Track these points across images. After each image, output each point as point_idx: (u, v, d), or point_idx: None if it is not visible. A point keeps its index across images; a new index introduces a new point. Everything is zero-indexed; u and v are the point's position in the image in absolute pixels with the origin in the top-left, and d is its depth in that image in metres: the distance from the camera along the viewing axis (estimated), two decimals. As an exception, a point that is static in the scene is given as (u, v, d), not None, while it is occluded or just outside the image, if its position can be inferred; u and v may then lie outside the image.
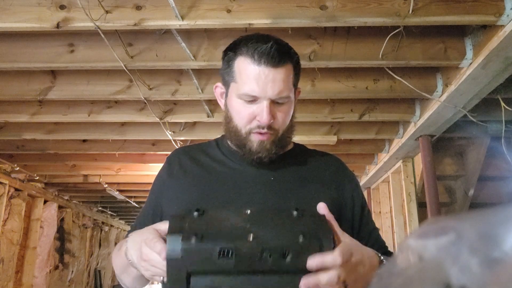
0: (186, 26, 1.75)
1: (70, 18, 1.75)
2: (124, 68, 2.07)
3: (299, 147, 1.06)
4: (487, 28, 1.79)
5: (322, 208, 0.75)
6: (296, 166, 0.98)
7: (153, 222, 0.95)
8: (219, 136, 1.06)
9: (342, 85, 2.36)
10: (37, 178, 4.62)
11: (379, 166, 3.68)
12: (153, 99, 2.53)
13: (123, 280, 0.90)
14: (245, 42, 0.91)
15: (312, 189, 0.94)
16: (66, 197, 5.85)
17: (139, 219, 1.02)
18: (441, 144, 3.14)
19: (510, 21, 1.63)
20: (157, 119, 2.73)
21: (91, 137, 3.28)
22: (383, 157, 3.52)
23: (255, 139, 0.91)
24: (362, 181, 4.39)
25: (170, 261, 0.66)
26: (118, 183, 4.95)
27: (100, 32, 1.79)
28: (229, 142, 0.98)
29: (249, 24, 1.73)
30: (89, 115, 2.77)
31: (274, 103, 0.89)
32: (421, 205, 3.15)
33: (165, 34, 2.04)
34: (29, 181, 4.71)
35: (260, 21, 1.72)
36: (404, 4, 1.68)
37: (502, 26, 1.67)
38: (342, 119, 2.74)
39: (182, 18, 1.72)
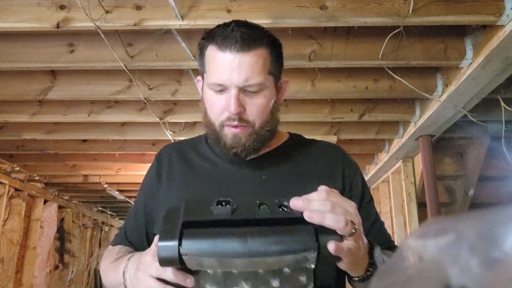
0: (186, 26, 1.75)
1: (70, 18, 1.75)
2: (124, 68, 2.07)
3: (295, 138, 1.00)
4: (487, 28, 1.78)
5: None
6: (290, 161, 0.92)
7: (146, 227, 0.93)
8: None
9: (342, 85, 2.36)
10: (37, 178, 4.62)
11: (379, 166, 3.68)
12: (153, 99, 2.53)
13: None
14: (214, 29, 0.85)
15: (308, 186, 0.86)
16: (66, 197, 5.85)
17: (129, 222, 0.98)
18: (441, 144, 3.14)
19: (510, 21, 1.63)
20: (157, 119, 2.73)
21: (91, 137, 3.28)
22: (383, 157, 3.52)
23: (228, 132, 0.85)
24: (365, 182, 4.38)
25: (168, 210, 0.65)
26: (118, 183, 4.95)
27: (100, 32, 1.79)
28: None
29: (249, 24, 1.73)
30: (89, 115, 2.77)
31: (245, 91, 0.82)
32: (421, 205, 3.15)
33: (165, 34, 2.03)
34: (29, 181, 4.71)
35: (260, 21, 1.72)
36: (404, 4, 1.68)
37: (502, 26, 1.67)
38: (342, 119, 2.74)
39: (182, 18, 1.72)
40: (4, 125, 3.09)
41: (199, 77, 0.94)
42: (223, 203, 0.64)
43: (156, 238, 0.63)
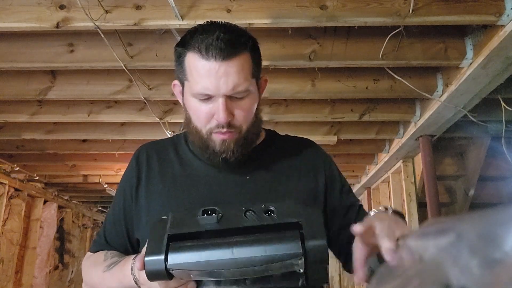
0: (186, 26, 1.75)
1: (70, 18, 1.75)
2: (124, 68, 2.07)
3: (271, 135, 0.99)
4: (488, 28, 1.78)
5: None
6: (271, 159, 0.92)
7: (128, 231, 0.91)
8: None
9: (342, 85, 2.36)
10: (37, 178, 4.62)
11: (379, 166, 3.68)
12: (153, 99, 2.53)
13: None
14: (192, 35, 0.83)
15: (291, 184, 0.89)
16: (66, 197, 5.85)
17: (109, 225, 0.95)
18: (441, 144, 3.14)
19: (510, 21, 1.63)
20: (157, 119, 2.73)
21: (91, 137, 3.28)
22: (383, 157, 3.52)
23: (216, 139, 0.84)
24: (362, 181, 4.39)
25: (154, 225, 0.65)
26: (118, 183, 4.94)
27: (100, 32, 1.79)
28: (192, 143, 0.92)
29: (249, 24, 1.73)
30: (89, 115, 2.77)
31: (232, 98, 0.81)
32: (421, 205, 3.15)
33: (165, 34, 2.03)
34: (29, 181, 4.71)
35: (260, 21, 1.72)
36: (404, 4, 1.68)
37: (502, 26, 1.66)
38: (342, 119, 2.74)
39: (182, 18, 1.72)
40: (3, 125, 3.09)
41: (176, 82, 0.92)
42: (209, 212, 0.64)
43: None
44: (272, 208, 0.65)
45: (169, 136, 2.96)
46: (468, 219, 0.36)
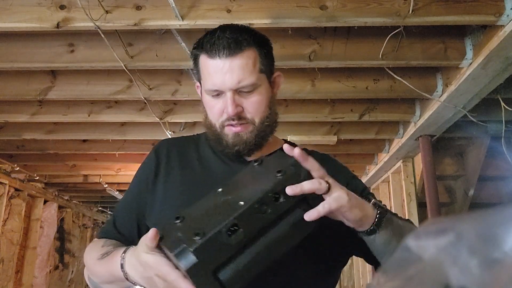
0: (186, 26, 1.75)
1: (70, 18, 1.75)
2: (124, 68, 2.07)
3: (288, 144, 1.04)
4: (487, 28, 1.78)
5: (286, 149, 0.74)
6: None
7: (139, 219, 0.94)
8: None
9: (342, 85, 2.36)
10: (37, 178, 4.62)
11: (379, 166, 3.68)
12: (153, 99, 2.53)
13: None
14: (203, 38, 0.90)
15: None
16: (66, 197, 5.85)
17: (121, 211, 0.98)
18: (441, 144, 3.14)
19: (510, 21, 1.63)
20: (157, 119, 2.73)
21: (91, 137, 3.28)
22: (383, 157, 3.52)
23: (229, 132, 0.89)
24: (362, 181, 4.38)
25: (191, 271, 0.62)
26: (118, 183, 4.94)
27: (100, 32, 1.79)
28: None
29: (249, 24, 1.72)
30: (89, 115, 2.77)
31: (240, 92, 0.87)
32: (421, 205, 3.15)
33: (165, 34, 2.03)
34: (29, 181, 4.71)
35: (260, 21, 1.72)
36: (404, 4, 1.68)
37: (502, 26, 1.67)
38: (342, 119, 2.74)
39: (182, 18, 1.72)
40: (4, 125, 3.09)
41: (198, 83, 0.98)
42: (232, 229, 0.64)
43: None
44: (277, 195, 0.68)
45: (169, 136, 2.97)
46: (467, 219, 0.36)
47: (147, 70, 2.27)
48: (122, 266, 0.77)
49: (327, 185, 0.69)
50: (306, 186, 0.68)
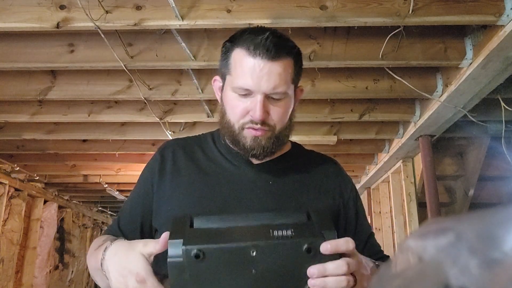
0: (186, 26, 1.75)
1: (70, 18, 1.75)
2: (124, 68, 2.07)
3: (297, 148, 1.03)
4: (487, 28, 1.78)
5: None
6: (295, 170, 0.95)
7: (142, 219, 0.94)
8: None
9: (342, 85, 2.36)
10: (37, 178, 4.62)
11: (379, 166, 3.68)
12: (153, 99, 2.53)
13: (96, 280, 0.88)
14: (243, 34, 0.88)
15: (311, 196, 0.92)
16: (66, 197, 5.85)
17: (125, 212, 0.98)
18: (441, 144, 3.14)
19: (510, 21, 1.63)
20: (157, 119, 2.73)
21: (91, 137, 3.28)
22: (383, 157, 3.52)
23: (248, 135, 0.87)
24: (362, 181, 4.39)
25: (171, 264, 0.64)
26: (118, 183, 4.95)
27: (100, 32, 1.79)
28: (225, 138, 0.95)
29: (249, 24, 1.73)
30: (89, 115, 2.77)
31: (269, 98, 0.85)
32: (421, 205, 3.15)
33: (165, 34, 2.03)
34: (29, 181, 4.71)
35: (260, 21, 1.72)
36: (404, 4, 1.68)
37: (502, 26, 1.67)
38: (342, 119, 2.74)
39: (182, 18, 1.72)
40: (4, 125, 3.09)
41: (217, 77, 0.96)
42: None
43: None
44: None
45: (169, 136, 2.96)
46: (467, 219, 0.36)
47: (147, 70, 2.27)
48: (105, 249, 0.78)
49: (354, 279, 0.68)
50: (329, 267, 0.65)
